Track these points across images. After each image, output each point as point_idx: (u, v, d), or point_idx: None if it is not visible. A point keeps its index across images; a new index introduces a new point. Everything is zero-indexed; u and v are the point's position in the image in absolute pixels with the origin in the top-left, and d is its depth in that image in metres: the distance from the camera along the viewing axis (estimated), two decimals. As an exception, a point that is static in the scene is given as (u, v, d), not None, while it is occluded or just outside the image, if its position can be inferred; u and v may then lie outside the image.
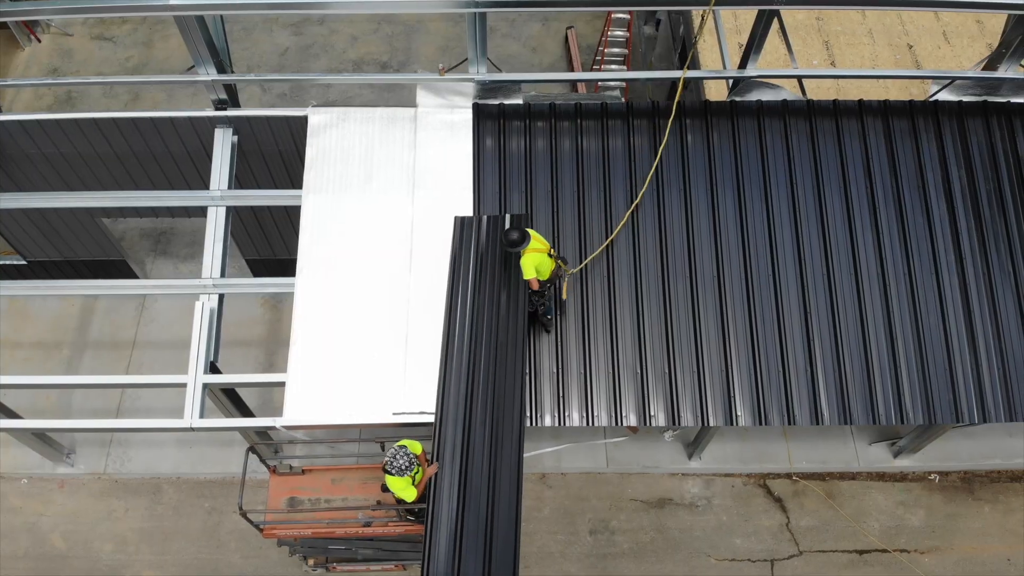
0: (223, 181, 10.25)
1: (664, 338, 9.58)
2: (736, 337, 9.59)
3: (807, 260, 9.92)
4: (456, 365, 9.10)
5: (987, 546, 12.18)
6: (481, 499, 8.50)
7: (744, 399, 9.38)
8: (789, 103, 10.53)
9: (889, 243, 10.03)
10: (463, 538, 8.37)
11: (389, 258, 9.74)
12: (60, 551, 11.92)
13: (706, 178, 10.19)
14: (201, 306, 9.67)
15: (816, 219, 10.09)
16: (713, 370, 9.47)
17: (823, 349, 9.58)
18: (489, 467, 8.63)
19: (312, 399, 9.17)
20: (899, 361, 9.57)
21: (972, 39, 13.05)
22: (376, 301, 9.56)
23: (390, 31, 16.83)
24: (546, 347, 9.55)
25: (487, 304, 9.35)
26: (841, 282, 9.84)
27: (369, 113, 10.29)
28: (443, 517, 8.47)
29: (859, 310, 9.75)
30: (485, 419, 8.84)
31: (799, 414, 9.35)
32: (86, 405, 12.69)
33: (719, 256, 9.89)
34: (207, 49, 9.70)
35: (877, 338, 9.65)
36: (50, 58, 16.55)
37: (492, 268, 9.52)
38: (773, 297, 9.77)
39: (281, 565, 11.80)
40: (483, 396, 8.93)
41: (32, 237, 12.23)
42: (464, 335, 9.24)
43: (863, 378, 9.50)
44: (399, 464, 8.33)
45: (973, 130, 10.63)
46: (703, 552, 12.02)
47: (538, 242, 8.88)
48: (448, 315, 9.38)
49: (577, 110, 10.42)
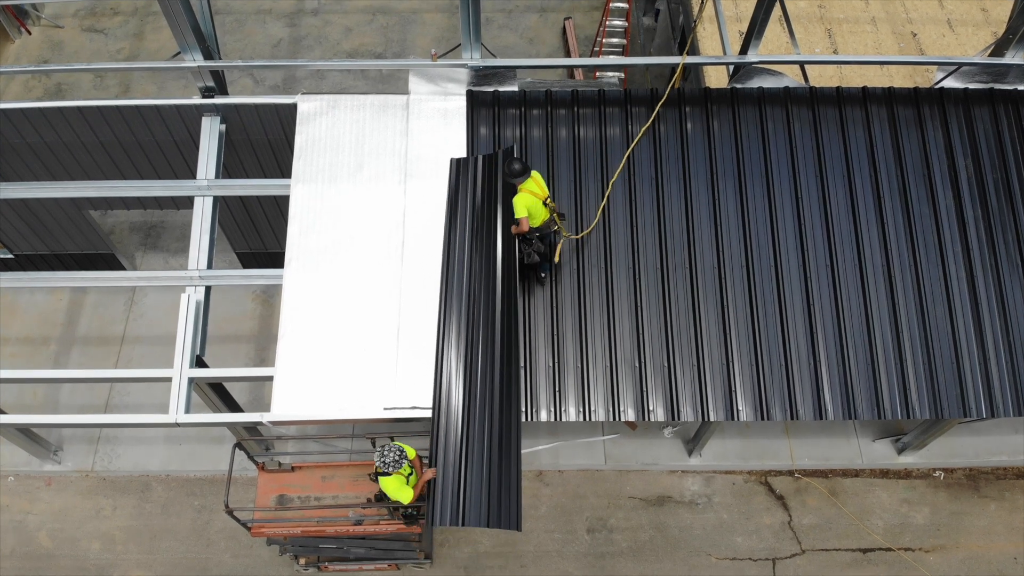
0: (210, 170, 10.02)
1: (663, 331, 9.34)
2: (737, 330, 9.34)
3: (810, 251, 9.67)
4: (456, 321, 8.96)
5: (993, 544, 11.95)
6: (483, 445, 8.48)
7: (745, 393, 9.13)
8: (791, 90, 10.28)
9: (894, 233, 9.79)
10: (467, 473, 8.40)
11: (380, 249, 9.50)
12: (47, 550, 11.70)
13: (706, 167, 9.94)
14: (187, 298, 9.43)
15: (819, 209, 9.84)
16: (714, 363, 9.23)
17: (827, 342, 9.33)
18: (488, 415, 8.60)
19: (301, 393, 8.93)
20: (905, 354, 9.33)
21: (977, 27, 12.80)
22: (367, 293, 9.31)
23: (385, 22, 16.58)
24: (542, 340, 9.30)
25: (483, 254, 9.15)
26: (845, 273, 9.59)
27: (360, 100, 10.05)
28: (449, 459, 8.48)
29: (864, 302, 9.50)
30: (485, 372, 8.72)
31: (802, 408, 9.10)
32: (73, 402, 12.47)
33: (719, 246, 9.64)
34: (193, 34, 9.45)
35: (882, 330, 9.40)
36: (40, 50, 16.31)
37: (489, 214, 9.30)
38: (775, 289, 9.52)
39: (272, 565, 11.58)
40: (484, 352, 8.80)
41: (18, 230, 12.01)
42: (462, 286, 9.07)
43: (868, 372, 9.25)
44: (389, 459, 8.07)
45: (979, 118, 10.39)
46: (703, 551, 11.79)
47: (536, 185, 8.69)
48: (445, 263, 9.17)
49: (574, 98, 10.17)
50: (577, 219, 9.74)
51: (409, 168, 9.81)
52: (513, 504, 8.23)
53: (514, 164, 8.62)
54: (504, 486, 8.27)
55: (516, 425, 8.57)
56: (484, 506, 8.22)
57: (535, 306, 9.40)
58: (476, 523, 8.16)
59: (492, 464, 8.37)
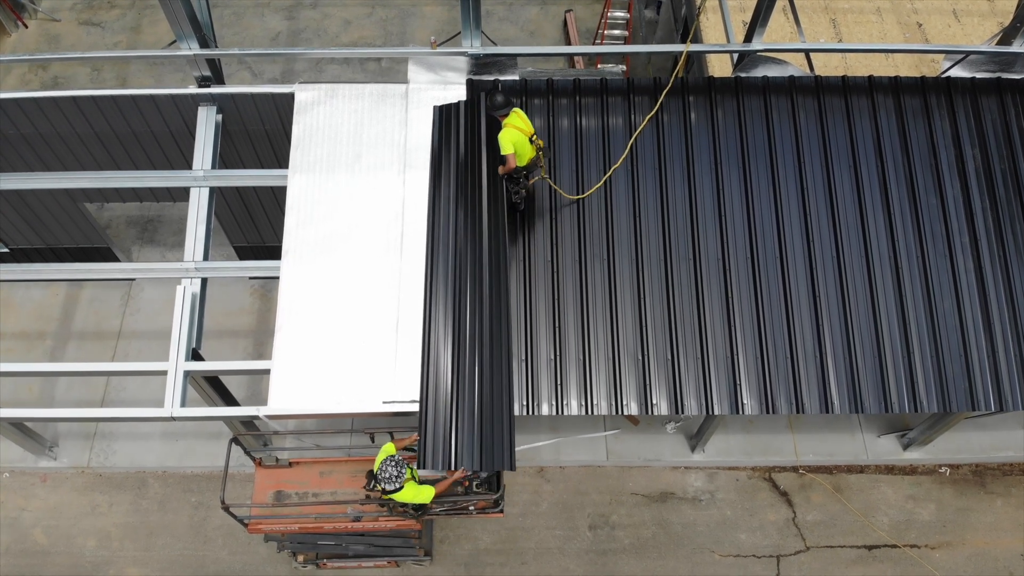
0: (206, 161, 9.87)
1: (667, 323, 9.19)
2: (742, 321, 9.19)
3: (816, 242, 9.52)
4: (443, 269, 8.97)
5: (999, 540, 11.82)
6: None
7: (750, 386, 8.98)
8: (796, 79, 10.13)
9: (901, 225, 9.64)
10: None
11: (379, 240, 9.34)
12: (42, 547, 11.56)
13: (710, 157, 9.79)
14: (183, 290, 9.28)
15: (825, 200, 9.69)
16: (718, 356, 9.08)
17: (833, 334, 9.18)
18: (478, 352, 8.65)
19: (299, 387, 8.77)
20: (912, 346, 9.18)
21: (983, 17, 12.65)
22: (365, 285, 9.16)
23: (384, 15, 16.45)
24: (544, 332, 9.15)
25: (469, 200, 9.12)
26: (852, 265, 9.44)
27: (358, 90, 9.89)
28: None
29: (870, 294, 9.35)
30: (475, 315, 8.73)
31: (808, 402, 8.95)
32: (69, 397, 12.34)
33: (724, 237, 9.49)
34: (189, 23, 9.30)
35: (889, 323, 9.25)
36: (37, 44, 16.19)
37: (474, 161, 9.27)
38: (780, 280, 9.37)
39: (269, 562, 11.44)
40: (472, 296, 8.82)
41: (13, 223, 11.88)
42: (448, 233, 9.06)
43: (875, 364, 9.10)
44: (389, 476, 7.88)
45: (987, 108, 10.24)
46: (706, 548, 11.65)
47: (521, 120, 8.63)
48: (431, 223, 9.11)
49: (576, 87, 10.02)
50: (580, 208, 9.58)
51: (408, 158, 9.65)
52: (506, 445, 8.24)
53: (496, 96, 8.65)
54: (496, 429, 8.28)
55: (507, 367, 8.57)
56: (476, 449, 8.23)
57: (536, 298, 9.25)
58: (469, 466, 8.20)
59: (484, 407, 8.36)
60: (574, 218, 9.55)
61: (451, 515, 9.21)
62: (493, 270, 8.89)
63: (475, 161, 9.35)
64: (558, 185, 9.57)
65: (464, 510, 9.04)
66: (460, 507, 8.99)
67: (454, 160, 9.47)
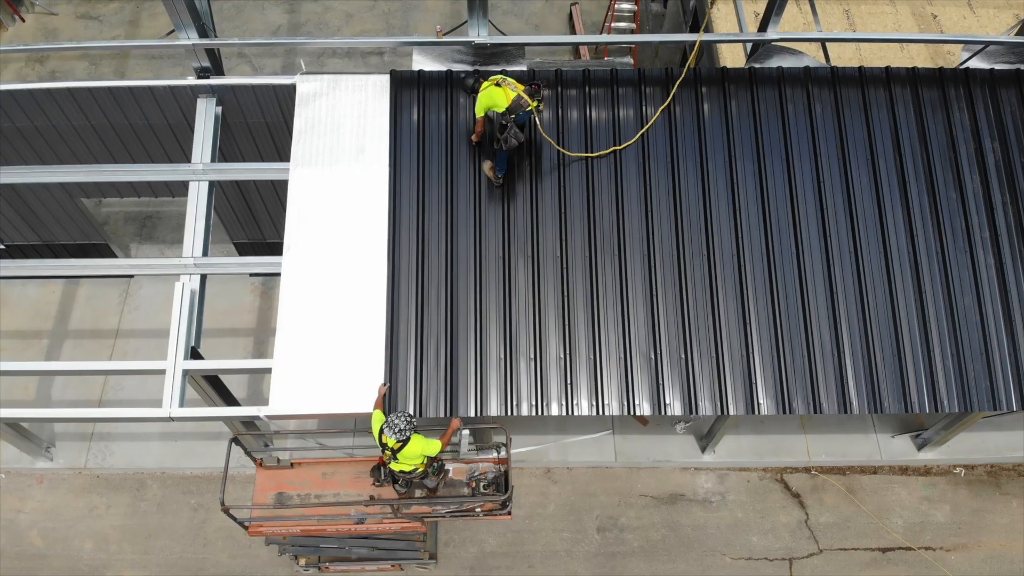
0: (205, 154, 9.64)
1: (680, 321, 8.95)
2: (758, 319, 8.96)
3: (833, 238, 9.28)
4: (405, 234, 9.21)
5: (1015, 542, 11.62)
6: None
7: (766, 386, 8.74)
8: (812, 70, 9.88)
9: (920, 219, 9.40)
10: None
11: (384, 235, 9.10)
12: (38, 549, 11.35)
13: (724, 150, 9.55)
14: (181, 287, 9.05)
15: (842, 194, 9.44)
16: (733, 355, 8.84)
17: (851, 332, 8.94)
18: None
19: (300, 387, 8.58)
20: (932, 344, 8.94)
21: (999, 9, 12.43)
22: (370, 282, 8.93)
23: (386, 8, 16.23)
24: (553, 331, 8.91)
25: (434, 185, 9.33)
26: (870, 261, 9.20)
27: (362, 80, 9.66)
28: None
29: (889, 290, 9.12)
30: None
31: (826, 401, 8.71)
32: (65, 397, 12.12)
33: (739, 233, 9.25)
34: (188, 12, 9.06)
35: (908, 320, 9.01)
36: (34, 38, 16.02)
37: (439, 135, 9.52)
38: (797, 277, 9.13)
39: (271, 565, 11.22)
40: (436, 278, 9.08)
41: (9, 218, 11.69)
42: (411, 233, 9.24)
43: (894, 363, 8.86)
44: (401, 426, 7.70)
45: (1007, 100, 10.01)
46: (717, 551, 11.42)
47: (501, 78, 8.69)
48: (392, 201, 9.26)
49: (585, 77, 9.77)
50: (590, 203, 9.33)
51: (413, 151, 9.41)
52: (471, 391, 8.70)
53: (467, 80, 9.14)
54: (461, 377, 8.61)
55: (474, 324, 8.87)
56: (443, 396, 8.65)
57: (546, 295, 9.02)
58: (434, 414, 8.60)
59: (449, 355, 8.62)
60: (584, 213, 9.31)
61: (457, 517, 8.97)
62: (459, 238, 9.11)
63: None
64: (565, 147, 9.48)
65: (471, 512, 8.80)
66: (467, 509, 8.75)
67: (415, 147, 9.62)
